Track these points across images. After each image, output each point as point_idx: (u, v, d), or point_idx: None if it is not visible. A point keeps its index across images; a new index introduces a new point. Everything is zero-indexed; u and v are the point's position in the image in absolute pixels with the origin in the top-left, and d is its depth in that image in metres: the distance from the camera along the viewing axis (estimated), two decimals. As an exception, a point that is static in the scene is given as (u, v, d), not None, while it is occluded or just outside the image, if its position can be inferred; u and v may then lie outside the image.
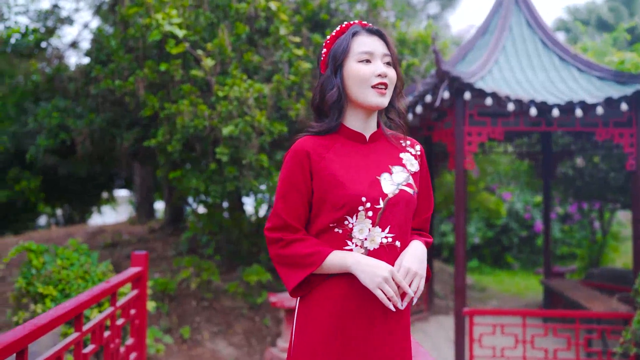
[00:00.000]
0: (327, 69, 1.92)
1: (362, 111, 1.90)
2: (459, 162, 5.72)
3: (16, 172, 10.10)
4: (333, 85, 1.87)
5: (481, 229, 13.90)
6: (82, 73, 6.82)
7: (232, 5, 6.01)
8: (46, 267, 5.57)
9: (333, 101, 1.87)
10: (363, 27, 1.93)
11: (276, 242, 1.85)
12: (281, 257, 1.84)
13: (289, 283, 1.83)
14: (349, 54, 1.88)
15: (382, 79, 1.84)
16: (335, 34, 1.95)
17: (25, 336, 2.47)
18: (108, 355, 3.72)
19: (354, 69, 1.86)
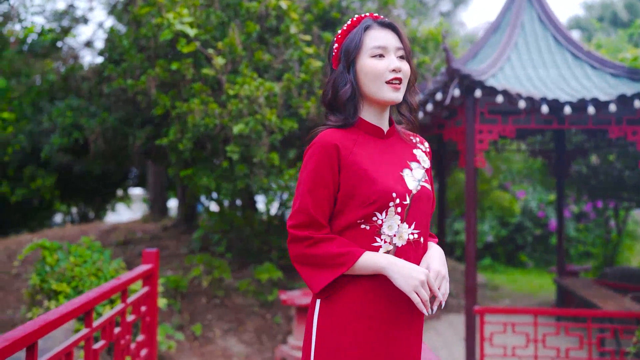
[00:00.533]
0: (340, 64, 1.89)
1: (376, 106, 1.88)
2: (470, 160, 5.70)
3: (32, 171, 10.23)
4: (346, 81, 1.85)
5: (495, 227, 13.82)
6: (95, 72, 6.90)
7: (242, 4, 6.04)
8: (60, 265, 5.64)
9: (347, 97, 1.84)
10: (375, 20, 1.90)
11: (302, 240, 1.77)
12: (307, 257, 1.77)
13: (316, 284, 1.76)
14: (361, 49, 1.85)
15: (396, 74, 1.82)
16: (347, 27, 1.92)
17: (35, 331, 2.50)
18: (119, 351, 3.75)
19: (367, 65, 1.83)
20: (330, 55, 1.96)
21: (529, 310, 5.79)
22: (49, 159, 9.24)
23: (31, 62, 11.01)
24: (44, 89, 9.31)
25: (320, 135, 1.81)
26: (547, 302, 9.44)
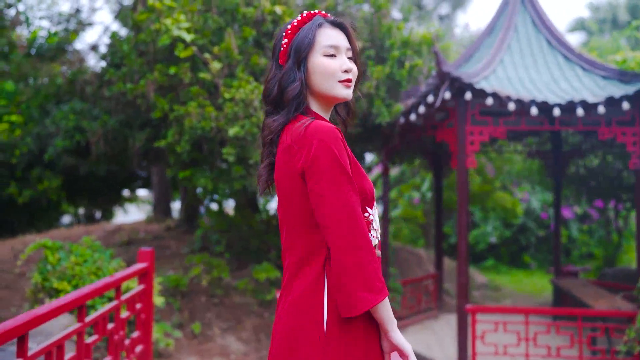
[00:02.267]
0: (288, 60, 1.84)
1: (324, 104, 1.87)
2: (461, 161, 5.80)
3: (38, 172, 10.42)
4: (295, 78, 1.81)
5: (498, 228, 13.88)
6: (97, 76, 7.06)
7: (239, 10, 6.17)
8: (61, 264, 5.79)
9: (294, 94, 1.80)
10: (326, 19, 1.88)
11: (366, 245, 1.65)
12: (364, 268, 1.63)
13: (367, 301, 1.62)
14: (314, 47, 1.82)
15: (348, 75, 1.81)
16: (297, 23, 1.87)
17: (25, 323, 2.63)
18: (112, 346, 3.90)
19: (321, 64, 1.80)
20: (277, 50, 1.91)
21: (520, 309, 5.88)
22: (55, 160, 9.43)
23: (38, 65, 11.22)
24: (51, 92, 9.49)
25: (318, 124, 1.70)
26: (548, 303, 9.50)
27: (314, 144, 1.66)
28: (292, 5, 6.54)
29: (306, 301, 1.71)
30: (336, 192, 1.64)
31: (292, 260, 1.78)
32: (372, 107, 6.14)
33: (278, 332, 1.75)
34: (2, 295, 6.97)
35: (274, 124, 1.83)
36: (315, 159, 1.65)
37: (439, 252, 8.73)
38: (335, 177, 1.64)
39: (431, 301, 8.38)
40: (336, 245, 1.62)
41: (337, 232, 1.62)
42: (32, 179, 10.53)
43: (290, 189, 1.74)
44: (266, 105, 1.91)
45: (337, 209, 1.63)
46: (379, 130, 6.80)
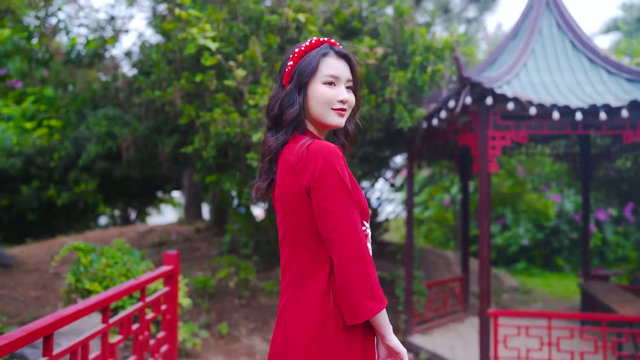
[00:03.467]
0: (291, 83, 1.96)
1: (320, 128, 2.00)
2: (483, 166, 5.82)
3: (76, 175, 10.78)
4: (294, 102, 1.93)
5: (530, 231, 13.72)
6: (128, 83, 7.30)
7: (264, 17, 6.32)
8: (93, 265, 6.03)
9: (292, 118, 1.92)
10: (332, 48, 1.98)
11: (365, 256, 1.78)
12: (367, 277, 1.76)
13: (365, 311, 1.75)
14: (315, 74, 1.93)
15: (342, 105, 1.94)
16: (305, 49, 1.98)
17: (51, 324, 2.79)
18: (137, 346, 4.06)
19: (319, 91, 1.92)
20: (282, 69, 2.02)
21: (542, 313, 5.85)
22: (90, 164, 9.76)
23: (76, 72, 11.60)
24: (88, 98, 9.82)
25: (321, 144, 1.84)
26: (577, 307, 9.38)
27: (319, 162, 1.78)
28: (315, 12, 6.65)
29: (315, 311, 1.82)
30: (341, 207, 1.77)
31: (296, 272, 1.89)
32: (394, 112, 6.20)
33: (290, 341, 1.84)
34: (39, 295, 7.27)
35: (274, 143, 1.95)
36: (320, 177, 1.78)
37: (465, 254, 8.72)
38: (340, 194, 1.77)
39: (457, 304, 8.38)
40: (342, 256, 1.75)
41: (342, 244, 1.75)
42: (70, 182, 10.90)
43: (295, 205, 1.86)
44: (267, 120, 2.04)
45: (343, 223, 1.76)
46: (401, 135, 6.85)
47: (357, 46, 6.34)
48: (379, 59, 6.22)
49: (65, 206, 11.82)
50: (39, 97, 12.12)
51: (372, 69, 6.31)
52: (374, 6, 7.17)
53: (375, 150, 7.10)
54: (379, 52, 6.05)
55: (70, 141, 10.54)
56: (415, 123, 6.22)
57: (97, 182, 10.81)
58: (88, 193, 10.92)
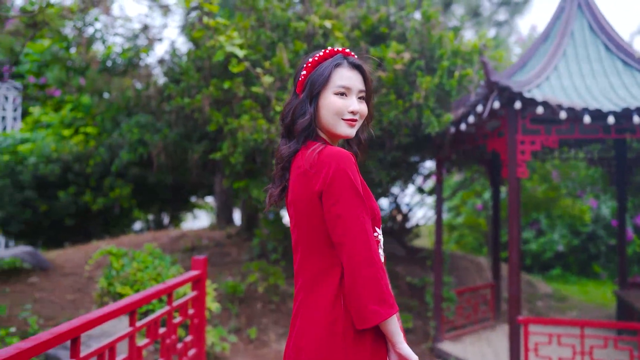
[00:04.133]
0: (303, 93, 1.98)
1: (330, 137, 2.01)
2: (512, 171, 5.74)
3: (111, 181, 11.01)
4: (305, 112, 1.95)
5: (566, 236, 13.44)
6: (159, 91, 7.44)
7: (291, 24, 6.37)
8: (125, 269, 6.15)
9: (303, 127, 1.94)
10: (346, 58, 2.00)
11: (377, 261, 1.79)
12: (378, 283, 1.76)
13: (380, 315, 1.75)
14: (327, 85, 1.94)
15: (353, 115, 1.94)
16: (318, 58, 2.00)
17: (78, 327, 2.86)
18: (164, 349, 4.13)
19: (330, 101, 1.93)
20: (296, 79, 2.05)
21: (575, 321, 5.73)
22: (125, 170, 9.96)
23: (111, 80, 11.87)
24: (122, 106, 10.03)
25: (333, 150, 1.85)
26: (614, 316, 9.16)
27: (332, 168, 1.80)
28: (343, 19, 6.68)
29: (324, 316, 1.83)
30: (352, 212, 1.78)
31: (307, 277, 1.91)
32: (422, 117, 6.17)
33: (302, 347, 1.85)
34: (75, 298, 7.44)
35: (286, 151, 1.97)
36: (332, 182, 1.80)
37: (496, 260, 8.60)
38: (351, 199, 1.78)
39: (488, 311, 8.27)
40: (351, 261, 1.75)
41: (352, 249, 1.76)
42: (105, 188, 11.13)
43: (308, 210, 1.87)
44: (281, 127, 2.06)
45: (353, 228, 1.77)
46: (430, 140, 6.81)
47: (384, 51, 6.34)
48: (406, 64, 6.21)
49: (101, 211, 12.07)
50: (76, 105, 12.43)
51: (400, 74, 6.30)
52: (402, 11, 7.16)
53: (404, 155, 7.07)
54: (405, 57, 6.03)
55: (105, 148, 10.76)
56: (443, 128, 6.18)
57: (131, 188, 11.00)
58: (122, 198, 11.14)
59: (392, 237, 9.76)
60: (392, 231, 9.82)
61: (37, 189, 11.27)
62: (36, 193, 11.23)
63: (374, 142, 6.63)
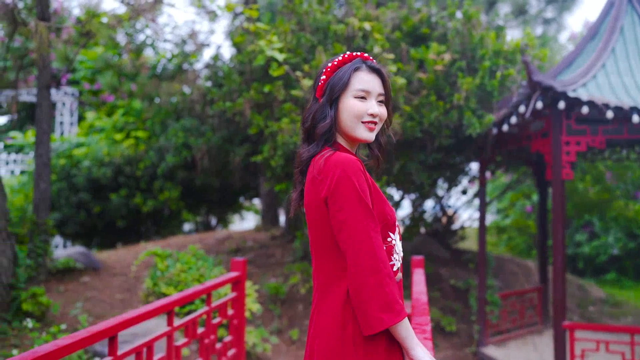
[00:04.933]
0: (323, 97, 1.98)
1: (350, 141, 2.00)
2: (557, 173, 5.60)
3: (160, 184, 11.30)
4: (326, 116, 1.95)
5: (621, 239, 12.97)
6: (202, 95, 7.59)
7: (331, 27, 6.39)
8: (169, 270, 6.31)
9: (324, 131, 1.94)
10: (365, 62, 1.99)
11: (383, 267, 1.77)
12: (383, 288, 1.75)
13: (384, 322, 1.75)
14: (347, 89, 1.95)
15: (373, 118, 1.95)
16: (337, 63, 2.00)
17: (116, 325, 2.95)
18: (203, 349, 4.21)
19: (350, 104, 1.93)
20: (315, 84, 2.05)
21: (624, 328, 5.54)
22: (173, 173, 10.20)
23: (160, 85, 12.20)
24: (171, 110, 10.28)
25: (340, 156, 1.84)
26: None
27: (336, 174, 1.80)
28: (383, 20, 6.66)
29: (334, 321, 1.85)
30: (355, 219, 1.77)
31: (320, 282, 1.94)
32: (463, 119, 6.08)
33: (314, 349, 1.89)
34: (124, 297, 7.68)
35: (304, 155, 1.99)
36: (337, 188, 1.80)
37: (544, 263, 8.39)
38: (355, 205, 1.78)
39: (535, 315, 8.07)
40: (355, 268, 1.75)
41: (355, 256, 1.76)
42: (155, 190, 11.42)
43: (316, 216, 1.89)
44: (302, 132, 2.07)
45: (356, 235, 1.76)
46: (471, 141, 6.71)
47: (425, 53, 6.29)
48: (446, 65, 6.14)
49: (151, 213, 12.39)
50: (127, 110, 12.82)
51: (440, 75, 6.23)
52: (443, 11, 7.08)
53: (445, 156, 6.99)
54: (446, 58, 5.97)
55: (154, 151, 11.05)
56: (485, 129, 6.07)
57: (179, 190, 11.25)
58: (171, 201, 11.40)
59: (437, 240, 9.65)
60: (436, 233, 9.71)
61: (91, 192, 11.67)
62: (90, 195, 11.63)
63: (415, 143, 6.58)
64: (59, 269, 8.29)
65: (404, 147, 6.65)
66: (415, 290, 3.94)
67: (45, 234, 7.81)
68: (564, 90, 5.34)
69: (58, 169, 11.59)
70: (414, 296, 3.72)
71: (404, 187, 7.65)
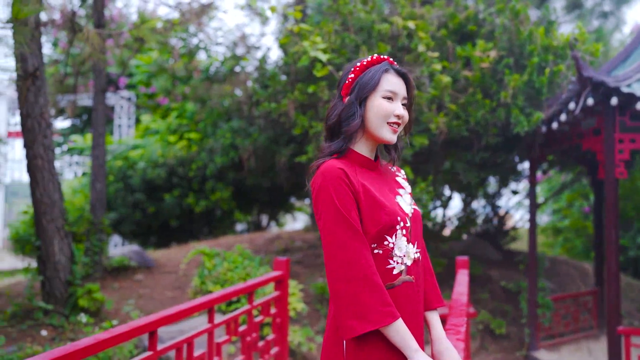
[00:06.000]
0: (351, 95, 2.00)
1: (372, 141, 2.02)
2: (610, 172, 5.39)
3: (211, 184, 11.53)
4: (355, 114, 1.97)
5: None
6: (249, 97, 7.71)
7: (375, 27, 6.37)
8: (216, 269, 6.43)
9: (354, 130, 1.96)
10: (391, 66, 2.03)
11: (357, 277, 1.79)
12: (360, 294, 1.77)
13: (355, 330, 1.77)
14: (377, 89, 1.97)
15: (397, 120, 1.96)
16: (366, 63, 2.03)
17: (156, 321, 3.03)
18: (245, 346, 4.28)
19: (378, 104, 1.96)
20: (342, 82, 2.07)
21: (683, 334, 5.29)
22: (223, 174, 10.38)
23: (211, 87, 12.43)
24: (222, 112, 10.47)
25: (326, 166, 1.88)
26: None
27: (317, 184, 1.87)
28: (428, 18, 6.58)
29: (331, 325, 1.92)
30: (331, 229, 1.82)
31: None
32: (510, 117, 5.94)
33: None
34: (174, 295, 7.88)
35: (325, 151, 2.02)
36: (317, 197, 1.87)
37: (600, 266, 8.09)
38: (331, 215, 1.82)
39: (591, 319, 7.80)
40: (330, 276, 1.82)
41: (329, 263, 1.82)
42: (207, 191, 11.66)
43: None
44: (325, 131, 2.10)
45: (331, 245, 1.82)
46: (520, 140, 6.55)
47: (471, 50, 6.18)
48: (493, 62, 6.01)
49: (204, 213, 12.64)
50: (181, 112, 13.14)
51: (487, 73, 6.11)
52: (491, 8, 6.94)
53: (492, 155, 6.84)
54: (492, 55, 5.84)
55: (206, 152, 11.28)
56: (533, 127, 5.91)
57: (230, 191, 11.45)
58: (223, 201, 11.61)
59: (488, 240, 9.46)
60: (487, 234, 9.51)
61: (146, 192, 12.03)
62: (145, 196, 11.98)
63: (461, 142, 6.47)
64: (114, 267, 8.58)
65: (450, 146, 6.56)
66: (455, 291, 3.89)
67: (101, 232, 8.10)
68: (616, 85, 5.15)
69: (115, 170, 12.00)
70: (453, 297, 3.67)
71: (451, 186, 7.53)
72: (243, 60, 11.55)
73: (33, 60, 6.04)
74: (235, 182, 11.45)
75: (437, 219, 8.36)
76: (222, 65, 11.63)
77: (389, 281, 1.88)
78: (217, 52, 13.64)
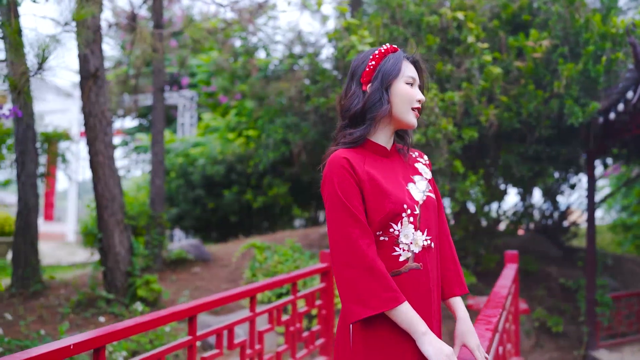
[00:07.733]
0: (374, 82, 2.00)
1: (392, 127, 2.03)
2: (670, 163, 5.15)
3: (269, 180, 11.71)
4: (383, 101, 1.97)
5: None
6: (299, 92, 7.79)
7: (423, 19, 6.31)
8: (267, 262, 6.56)
9: (383, 115, 1.98)
10: (405, 55, 2.06)
11: (359, 263, 1.83)
12: (361, 279, 1.81)
13: (356, 314, 1.81)
14: (400, 74, 1.99)
15: (419, 105, 2.00)
16: (384, 51, 2.04)
17: (194, 307, 3.14)
18: (288, 336, 4.36)
19: (403, 89, 1.98)
20: (360, 69, 2.07)
21: None
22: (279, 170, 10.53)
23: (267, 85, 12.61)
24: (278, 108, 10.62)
25: (333, 157, 1.92)
26: None
27: (324, 174, 1.93)
28: (479, 9, 6.46)
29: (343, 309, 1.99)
30: (333, 217, 1.88)
31: None
32: (564, 108, 5.76)
33: None
34: (228, 287, 8.07)
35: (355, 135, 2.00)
36: (322, 188, 1.94)
37: (667, 264, 7.71)
38: (334, 204, 1.88)
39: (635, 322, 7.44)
40: (333, 263, 1.88)
41: (333, 251, 1.88)
42: (264, 187, 11.86)
43: None
44: (342, 120, 2.09)
45: (334, 233, 1.88)
46: (575, 131, 6.33)
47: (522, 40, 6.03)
48: (547, 52, 5.83)
49: (262, 209, 12.86)
50: (240, 110, 13.41)
51: (540, 63, 5.94)
52: (545, -4, 6.74)
53: (546, 148, 6.63)
54: (544, 45, 5.68)
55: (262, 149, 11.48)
56: (588, 118, 5.70)
57: (287, 187, 11.59)
58: (280, 197, 11.78)
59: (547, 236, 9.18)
60: (546, 229, 9.23)
61: (206, 188, 12.37)
62: (205, 192, 12.32)
63: (513, 135, 6.33)
64: (172, 260, 8.88)
65: (502, 138, 6.42)
66: (497, 284, 3.84)
67: (161, 227, 8.40)
68: (676, 72, 4.91)
69: (177, 167, 12.40)
70: (494, 289, 3.64)
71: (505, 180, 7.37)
72: (308, 57, 11.68)
73: (94, 61, 6.33)
74: (292, 178, 11.57)
75: (491, 214, 8.18)
76: (280, 64, 11.79)
77: (395, 268, 1.90)
78: (277, 50, 13.85)
